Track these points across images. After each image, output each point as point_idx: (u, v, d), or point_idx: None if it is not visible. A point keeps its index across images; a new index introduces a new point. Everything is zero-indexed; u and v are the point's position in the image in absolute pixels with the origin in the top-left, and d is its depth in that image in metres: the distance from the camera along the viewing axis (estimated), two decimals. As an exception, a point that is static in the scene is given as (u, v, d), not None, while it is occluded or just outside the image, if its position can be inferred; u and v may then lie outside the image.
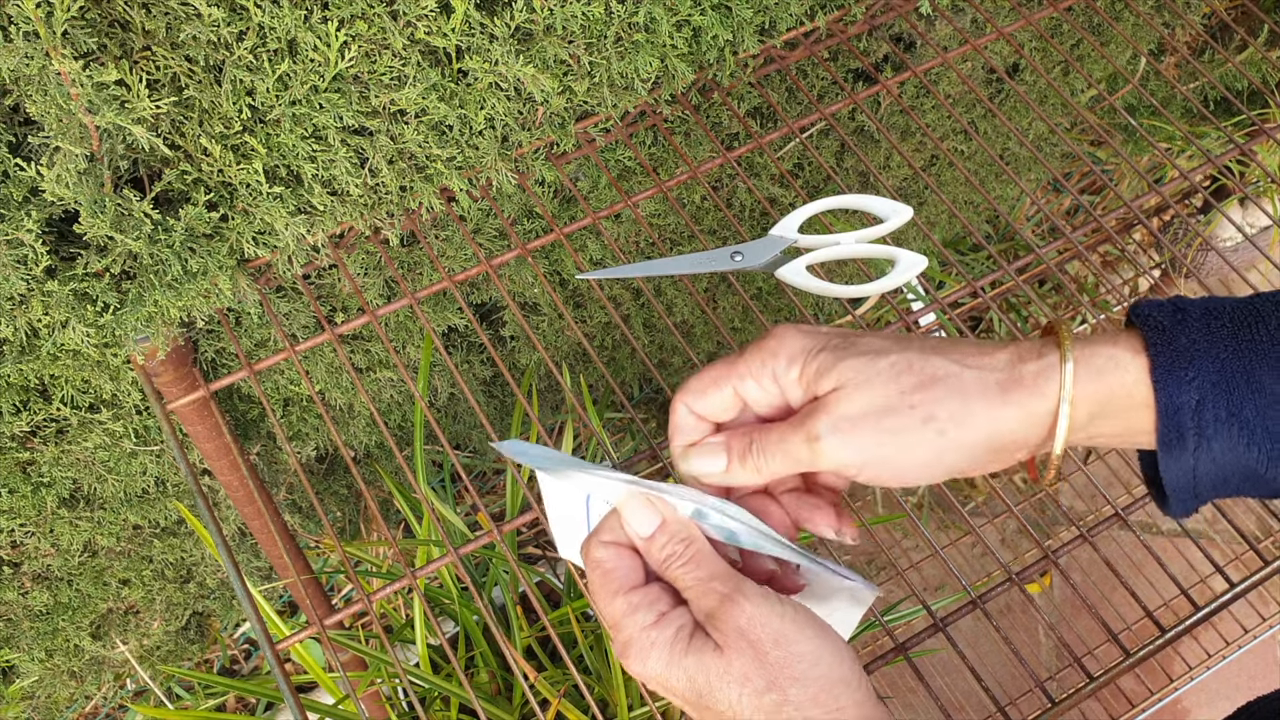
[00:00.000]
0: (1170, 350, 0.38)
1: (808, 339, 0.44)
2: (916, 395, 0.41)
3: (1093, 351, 0.40)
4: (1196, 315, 0.39)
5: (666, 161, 0.93)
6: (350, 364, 0.66)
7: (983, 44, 0.82)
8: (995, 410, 0.40)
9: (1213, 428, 0.37)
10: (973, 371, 0.41)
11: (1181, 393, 0.37)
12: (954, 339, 0.44)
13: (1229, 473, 0.38)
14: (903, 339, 0.43)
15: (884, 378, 0.41)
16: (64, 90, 0.54)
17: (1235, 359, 0.37)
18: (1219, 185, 1.77)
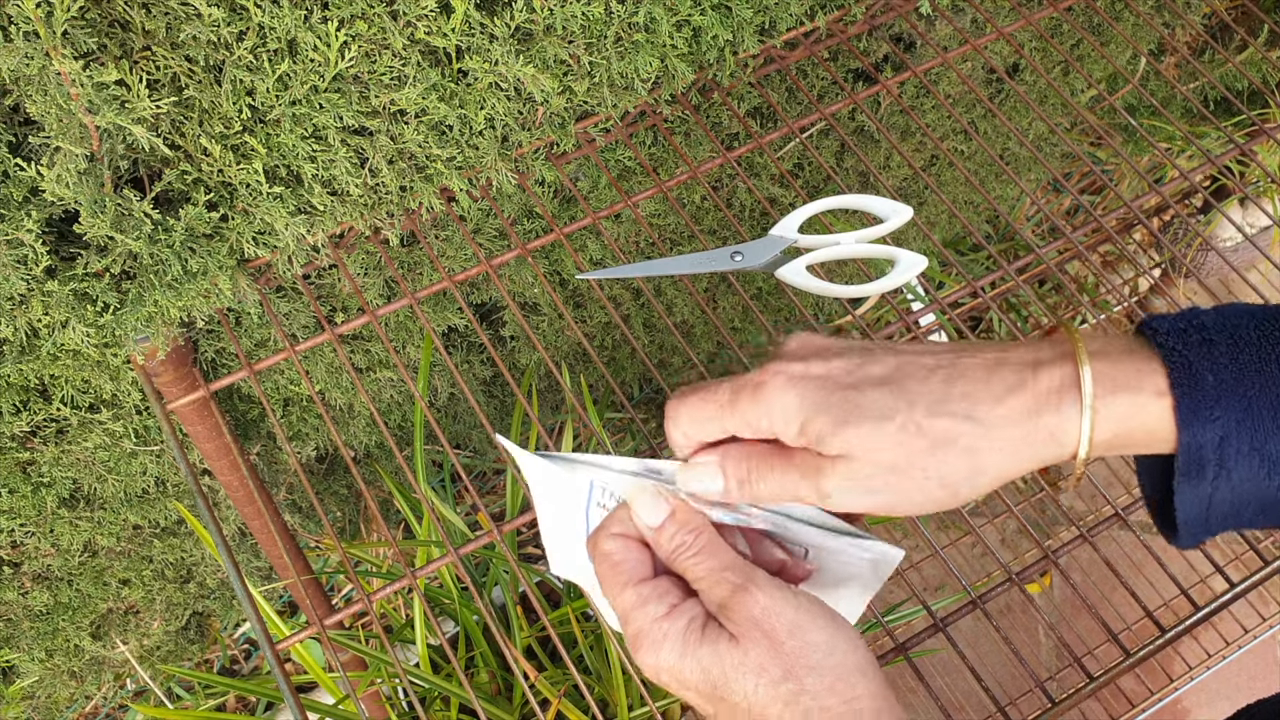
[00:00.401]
0: (1196, 392, 0.37)
1: (805, 397, 0.41)
2: (929, 461, 0.39)
3: (1114, 399, 0.38)
4: (1223, 346, 0.37)
5: (666, 161, 0.93)
6: (350, 364, 0.66)
7: (983, 44, 0.82)
8: (1009, 465, 0.39)
9: (1234, 460, 0.36)
10: (986, 429, 0.39)
11: (1205, 431, 0.36)
12: (965, 365, 0.40)
13: (1244, 503, 0.38)
14: (907, 376, 0.40)
15: (891, 443, 0.40)
16: (64, 90, 0.54)
17: (1262, 395, 0.36)
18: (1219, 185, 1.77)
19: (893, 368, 0.41)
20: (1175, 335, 0.38)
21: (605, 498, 0.49)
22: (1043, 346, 0.40)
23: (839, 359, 0.42)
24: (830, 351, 0.42)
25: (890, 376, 0.40)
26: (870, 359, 0.41)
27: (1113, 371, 0.38)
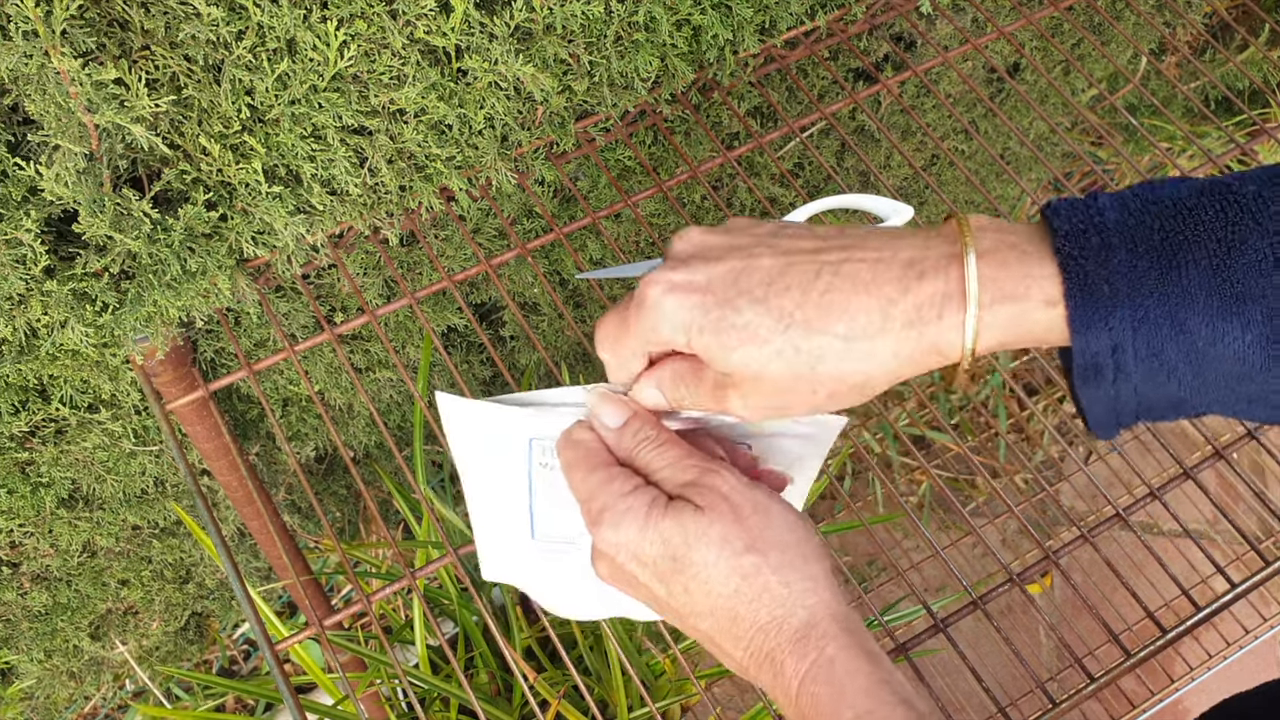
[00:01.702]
0: (1090, 301, 0.35)
1: (684, 308, 0.40)
2: (813, 379, 0.40)
3: (1000, 307, 0.37)
4: (1122, 252, 0.35)
5: (666, 161, 0.92)
6: (350, 364, 0.66)
7: (983, 43, 0.82)
8: (894, 374, 0.39)
9: (1132, 365, 0.35)
10: (866, 345, 0.38)
11: (1099, 339, 0.35)
12: (849, 271, 0.39)
13: (1152, 402, 0.37)
14: (788, 285, 0.39)
15: (773, 367, 0.39)
16: (63, 89, 0.54)
17: (1159, 304, 0.34)
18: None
19: (774, 273, 0.40)
20: (1074, 239, 0.36)
21: (548, 457, 0.48)
22: (932, 241, 0.39)
23: (719, 264, 0.41)
24: (712, 253, 0.41)
25: (770, 286, 0.39)
26: (752, 262, 0.40)
27: (1000, 276, 0.37)
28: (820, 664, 0.40)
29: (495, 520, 0.51)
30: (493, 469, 0.49)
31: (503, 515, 0.51)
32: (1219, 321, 0.34)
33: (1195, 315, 0.34)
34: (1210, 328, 0.34)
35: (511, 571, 0.52)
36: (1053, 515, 1.73)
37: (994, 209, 0.74)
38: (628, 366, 0.45)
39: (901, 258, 0.39)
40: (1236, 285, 0.34)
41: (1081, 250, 0.36)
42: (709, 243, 0.42)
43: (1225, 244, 0.34)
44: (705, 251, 0.42)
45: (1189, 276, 0.34)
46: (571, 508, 0.48)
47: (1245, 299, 0.33)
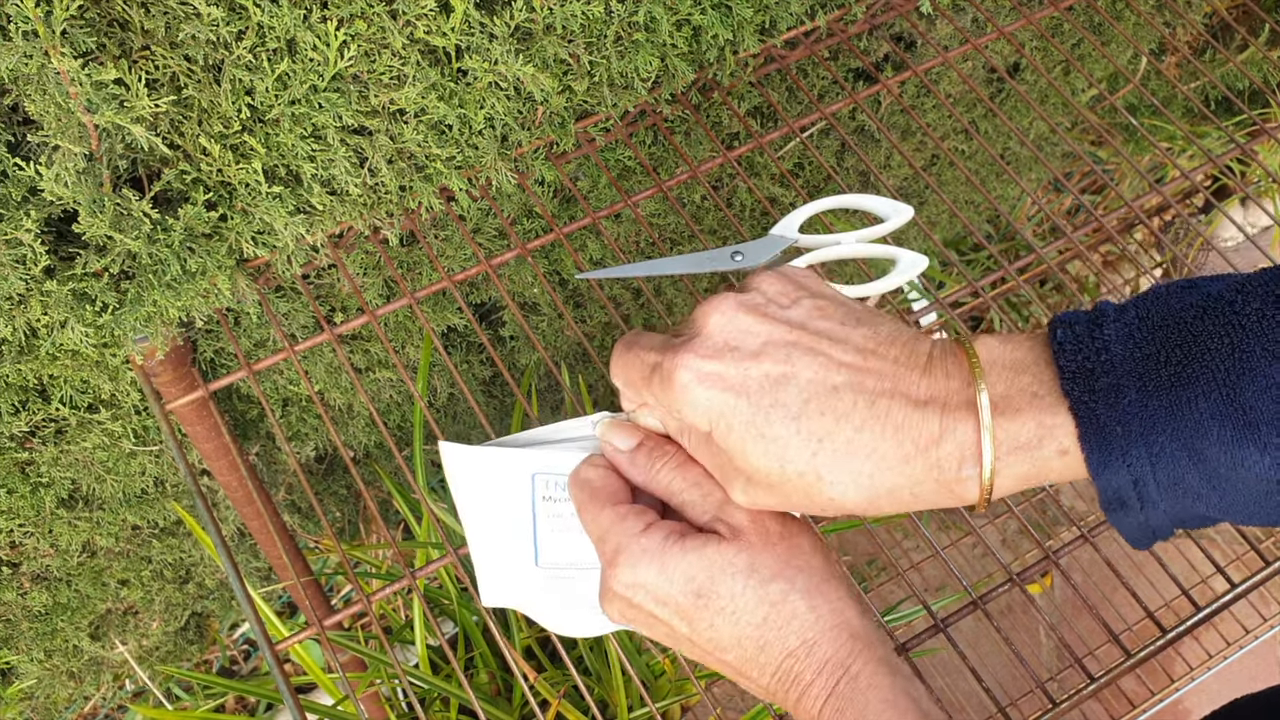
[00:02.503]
0: (1105, 444, 0.36)
1: (713, 403, 0.40)
2: (829, 504, 0.40)
3: (1015, 458, 0.37)
4: (1132, 392, 0.35)
5: (666, 161, 0.92)
6: (349, 364, 0.66)
7: (983, 43, 0.82)
8: (904, 508, 0.40)
9: (1156, 494, 0.36)
10: (887, 488, 0.39)
11: (1119, 477, 0.36)
12: (881, 409, 0.39)
13: (1186, 518, 0.37)
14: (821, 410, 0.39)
15: (793, 486, 0.40)
16: (63, 89, 0.54)
17: (1174, 439, 0.35)
18: (1220, 185, 1.77)
19: (811, 393, 0.39)
20: (1082, 380, 0.36)
21: (553, 490, 0.48)
22: (951, 381, 0.39)
23: (756, 364, 0.40)
24: (749, 347, 0.41)
25: (806, 405, 0.39)
26: (791, 370, 0.40)
27: (1013, 428, 0.37)
28: (845, 680, 0.41)
29: (496, 551, 0.50)
30: (495, 507, 0.49)
31: (504, 546, 0.50)
32: (1235, 449, 0.34)
33: (1211, 445, 0.34)
34: (1228, 455, 0.34)
35: (512, 596, 0.52)
36: (1052, 515, 1.73)
37: (994, 209, 0.74)
38: (639, 405, 0.46)
39: (936, 397, 0.39)
40: (1249, 413, 0.34)
41: (1091, 394, 0.36)
42: (748, 328, 0.41)
43: (1234, 371, 0.34)
44: (741, 339, 0.41)
45: (1200, 409, 0.34)
46: (578, 534, 0.47)
47: (1259, 425, 0.33)
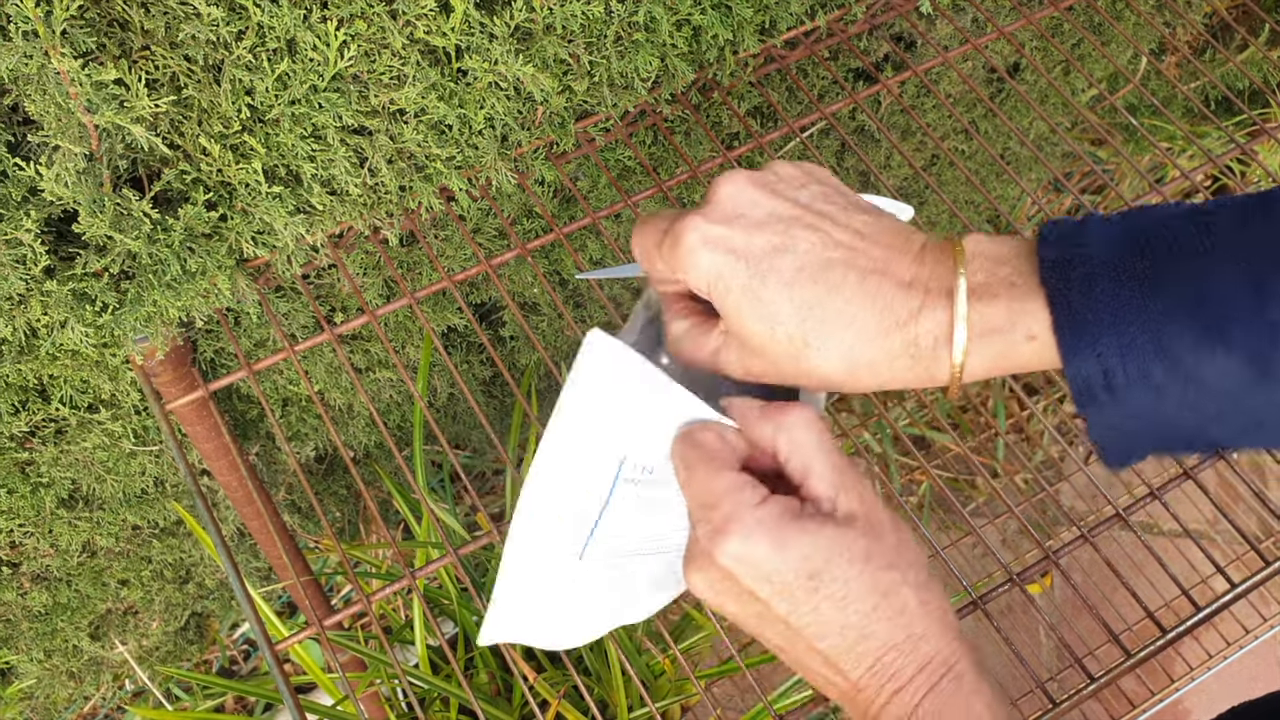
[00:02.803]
0: (1077, 330, 0.37)
1: (715, 265, 0.42)
2: (810, 369, 0.41)
3: (989, 340, 0.39)
4: (1105, 282, 0.37)
5: (666, 161, 0.92)
6: (349, 364, 0.66)
7: (983, 43, 0.82)
8: (884, 384, 0.42)
9: (1124, 388, 0.37)
10: (866, 357, 0.41)
11: (1088, 365, 0.37)
12: (871, 285, 0.41)
13: (1159, 428, 0.38)
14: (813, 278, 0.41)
15: (779, 348, 0.41)
16: (63, 89, 0.54)
17: (1143, 329, 0.36)
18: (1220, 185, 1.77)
19: (806, 261, 0.41)
20: (1059, 269, 0.38)
21: (637, 472, 0.46)
22: (937, 267, 0.41)
23: (759, 233, 0.42)
24: (755, 216, 0.42)
25: (799, 273, 0.41)
26: (790, 241, 0.41)
27: (988, 312, 0.39)
28: (949, 679, 0.41)
29: (535, 545, 0.48)
30: (563, 493, 0.47)
31: (549, 538, 0.48)
32: (1201, 343, 0.35)
33: (1177, 339, 0.35)
34: (1194, 350, 0.35)
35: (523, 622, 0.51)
36: (1053, 515, 1.73)
37: (994, 209, 0.74)
38: (655, 273, 0.47)
39: (920, 279, 0.41)
40: (1214, 306, 0.35)
41: (1066, 282, 0.38)
42: (754, 199, 0.43)
43: (1204, 270, 0.36)
44: (748, 209, 0.43)
45: (1169, 301, 0.36)
46: (652, 515, 0.46)
47: (1224, 319, 0.35)
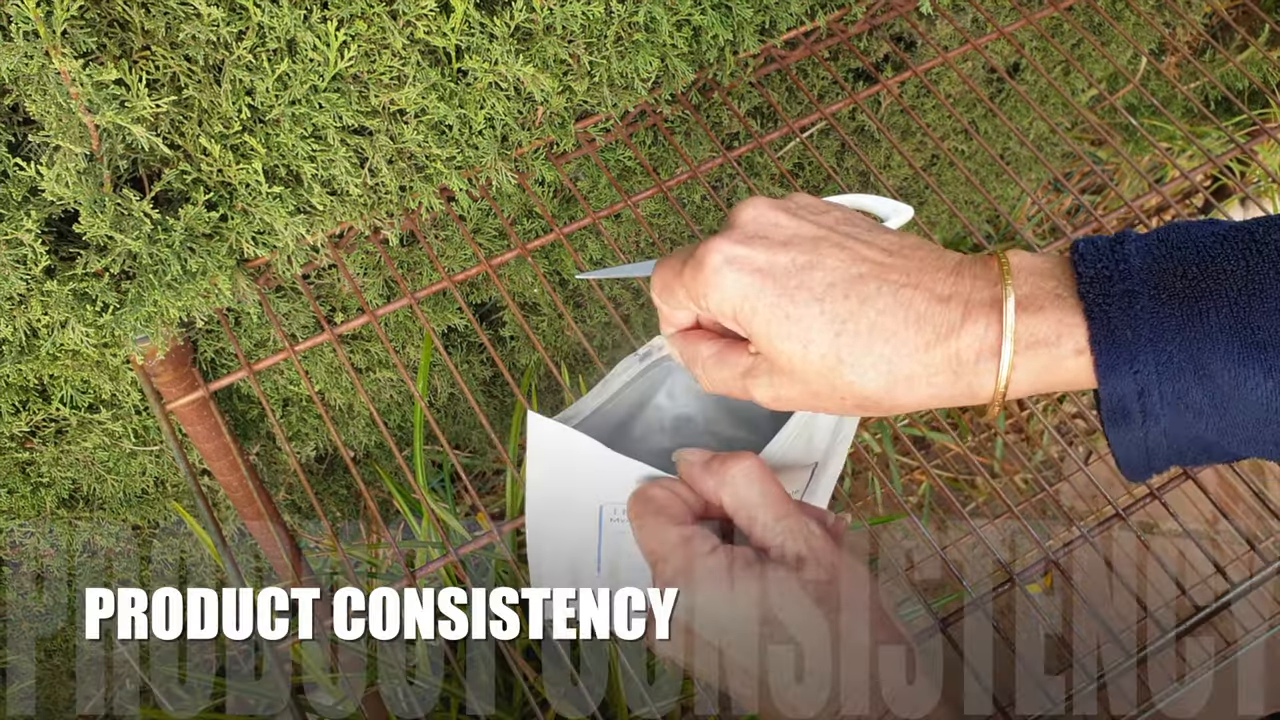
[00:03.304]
0: (1115, 348, 0.36)
1: (740, 287, 0.40)
2: (847, 393, 0.40)
3: (1033, 353, 0.38)
4: (1145, 299, 0.36)
5: (666, 161, 0.92)
6: (350, 364, 0.66)
7: (983, 44, 0.82)
8: (923, 405, 0.40)
9: (1158, 409, 0.36)
10: (906, 377, 0.39)
11: (1124, 384, 0.36)
12: (905, 298, 0.40)
13: (1183, 445, 0.37)
14: (846, 294, 0.40)
15: (814, 369, 0.40)
16: (64, 89, 0.54)
17: (1183, 350, 0.35)
18: (1220, 185, 1.77)
19: (836, 277, 0.40)
20: (1098, 284, 0.37)
21: (620, 514, 0.48)
22: (977, 281, 0.40)
23: (784, 252, 0.41)
24: (778, 237, 0.41)
25: (830, 289, 0.40)
26: (817, 257, 0.40)
27: (1034, 324, 0.38)
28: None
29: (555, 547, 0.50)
30: (565, 510, 0.49)
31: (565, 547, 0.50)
32: (1240, 367, 0.34)
33: (1217, 360, 0.35)
34: (1232, 373, 0.34)
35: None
36: (1052, 515, 1.73)
37: (994, 209, 0.74)
38: (675, 316, 0.45)
39: (960, 294, 0.39)
40: (1257, 333, 0.34)
41: (1106, 297, 0.37)
42: (776, 221, 0.42)
43: (1246, 292, 0.35)
44: (770, 230, 0.42)
45: (1211, 322, 0.35)
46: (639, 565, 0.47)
47: (1266, 346, 0.34)
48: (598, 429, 0.49)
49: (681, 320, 0.46)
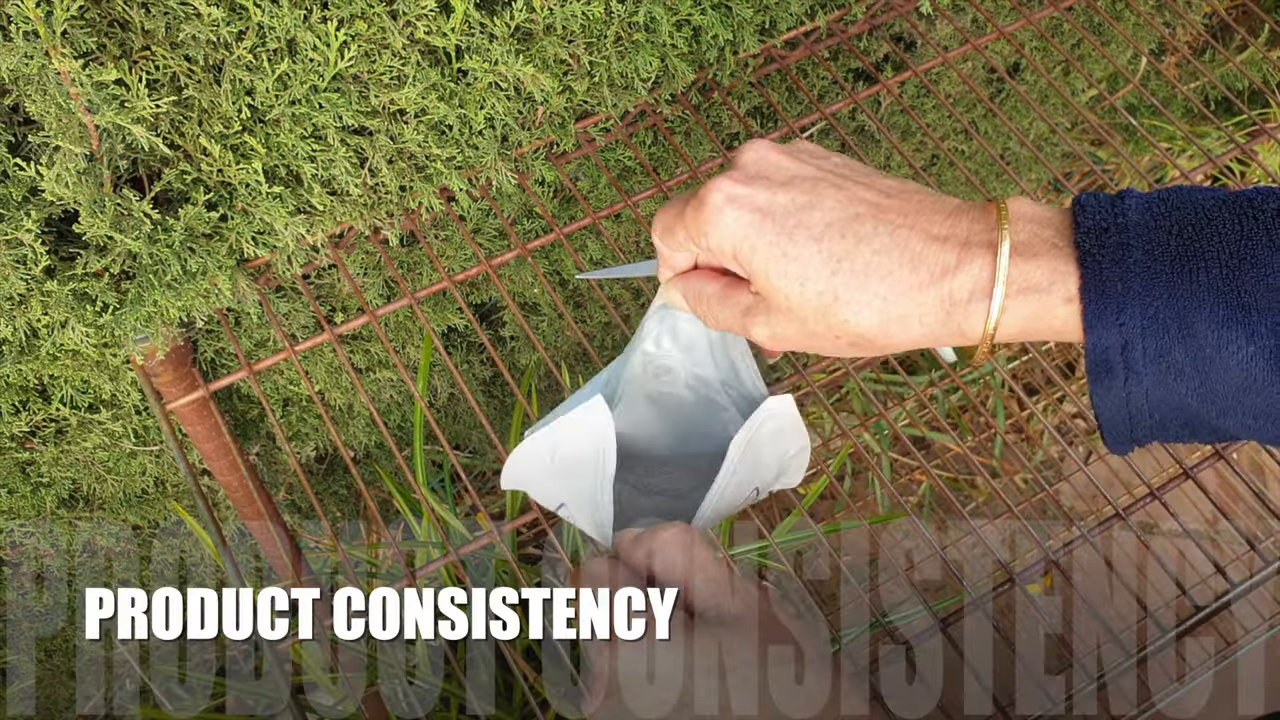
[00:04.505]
0: (1103, 298, 0.36)
1: (739, 224, 0.41)
2: (842, 328, 0.41)
3: (1024, 298, 0.38)
4: (1138, 253, 0.36)
5: (666, 161, 0.92)
6: (350, 364, 0.66)
7: (983, 44, 0.82)
8: (916, 342, 0.41)
9: (1141, 365, 0.36)
10: (899, 313, 0.40)
11: (1109, 335, 0.36)
12: (900, 238, 0.40)
13: (1165, 413, 0.37)
14: (844, 232, 0.40)
15: (810, 306, 0.40)
16: (63, 89, 0.54)
17: (1168, 306, 0.35)
18: (1220, 185, 1.76)
19: (834, 216, 0.40)
20: (1094, 235, 0.37)
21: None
22: (976, 224, 0.40)
23: (784, 191, 0.41)
24: (779, 176, 0.42)
25: (828, 228, 0.40)
26: (816, 198, 0.41)
27: (1028, 269, 0.38)
28: None
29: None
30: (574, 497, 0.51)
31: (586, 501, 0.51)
32: (1225, 329, 0.34)
33: (1202, 320, 0.35)
34: (1216, 335, 0.34)
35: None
36: (1053, 515, 1.73)
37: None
38: (675, 258, 0.46)
39: (957, 235, 0.40)
40: (1244, 296, 0.34)
41: (1100, 248, 0.37)
42: (778, 163, 0.42)
43: (1237, 255, 0.35)
44: (772, 171, 0.42)
45: (1199, 282, 0.35)
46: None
47: (1252, 310, 0.34)
48: None
49: (681, 262, 0.46)
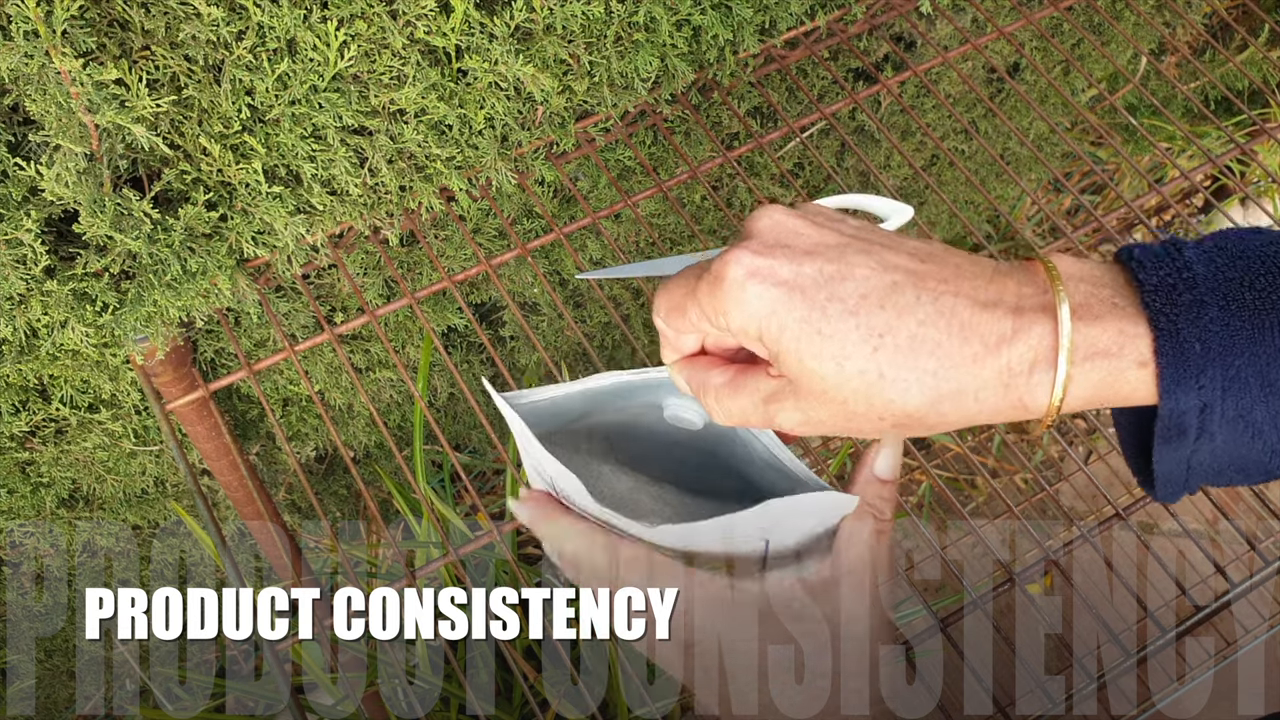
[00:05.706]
0: (1181, 361, 0.34)
1: (764, 302, 0.37)
2: (887, 411, 0.37)
3: (1091, 365, 0.35)
4: (1214, 310, 0.34)
5: (666, 161, 0.92)
6: (350, 364, 0.66)
7: (983, 43, 0.82)
8: (970, 421, 0.37)
9: (1217, 425, 0.34)
10: (953, 391, 0.36)
11: (1188, 399, 0.34)
12: (946, 306, 0.36)
13: (1225, 464, 0.36)
14: (881, 304, 0.36)
15: (851, 388, 0.36)
16: (64, 89, 0.54)
17: (1250, 364, 0.33)
18: (1220, 185, 1.77)
19: (870, 287, 0.36)
20: (1163, 294, 0.34)
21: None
22: (1025, 289, 0.37)
23: (810, 262, 0.37)
24: (800, 246, 0.37)
25: (864, 300, 0.36)
26: (845, 267, 0.37)
27: (1093, 333, 0.35)
28: None
29: None
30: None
31: None
32: None
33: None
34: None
35: None
36: (1052, 515, 1.73)
37: (994, 209, 0.74)
38: (681, 341, 0.42)
39: (997, 299, 0.36)
40: None
41: (1173, 306, 0.34)
42: (796, 229, 0.38)
43: None
44: (791, 239, 0.38)
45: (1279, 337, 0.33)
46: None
47: None
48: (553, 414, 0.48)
49: (687, 346, 0.42)
